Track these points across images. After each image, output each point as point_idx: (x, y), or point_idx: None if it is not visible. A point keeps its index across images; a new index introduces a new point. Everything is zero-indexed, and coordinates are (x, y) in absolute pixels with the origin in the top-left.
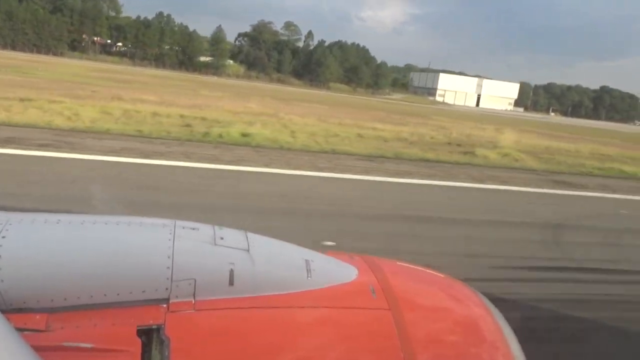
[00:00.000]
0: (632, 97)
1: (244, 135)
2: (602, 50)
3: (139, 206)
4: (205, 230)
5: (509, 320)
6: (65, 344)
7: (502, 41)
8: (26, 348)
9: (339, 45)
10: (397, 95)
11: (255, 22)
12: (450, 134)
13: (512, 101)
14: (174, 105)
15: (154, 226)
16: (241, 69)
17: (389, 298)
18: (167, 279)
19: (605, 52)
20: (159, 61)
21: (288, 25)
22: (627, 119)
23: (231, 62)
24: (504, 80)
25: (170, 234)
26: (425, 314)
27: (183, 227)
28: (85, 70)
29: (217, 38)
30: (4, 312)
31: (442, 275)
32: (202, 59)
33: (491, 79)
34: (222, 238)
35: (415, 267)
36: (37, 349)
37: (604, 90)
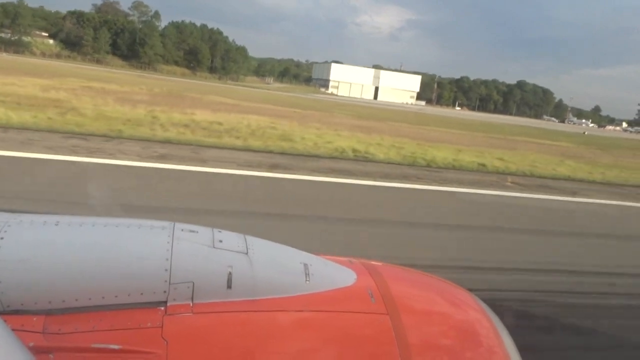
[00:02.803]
0: (546, 91)
1: None
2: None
3: None
4: (204, 233)
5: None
6: (62, 346)
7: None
8: (23, 350)
9: (176, 25)
10: (276, 84)
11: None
12: None
13: (415, 94)
14: None
15: (153, 228)
16: (56, 48)
17: (387, 303)
18: (165, 281)
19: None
20: None
21: (137, 5)
22: (540, 114)
23: (51, 41)
24: (409, 72)
25: (169, 236)
26: (423, 319)
27: (182, 230)
28: None
29: (15, 13)
30: (1, 313)
31: (440, 280)
32: (3, 35)
33: (391, 70)
34: (220, 241)
35: (414, 271)
36: (34, 350)
37: (520, 84)
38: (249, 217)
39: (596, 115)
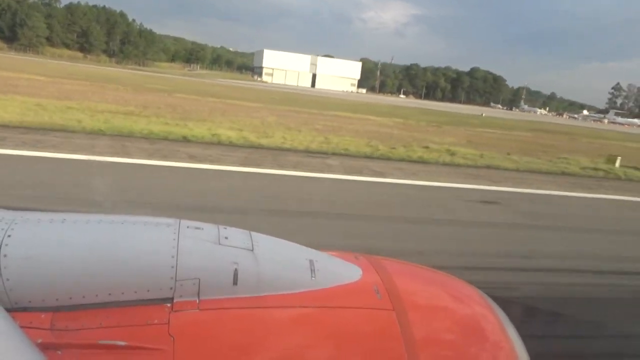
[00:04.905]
0: (497, 78)
1: None
2: None
3: None
4: (210, 229)
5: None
6: (70, 342)
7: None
8: (31, 346)
9: (68, 6)
10: (203, 71)
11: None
12: None
13: (355, 82)
14: None
15: (159, 225)
16: None
17: (393, 298)
18: (172, 278)
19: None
20: None
21: None
22: (488, 102)
23: None
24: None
25: (175, 233)
26: (429, 314)
27: (187, 227)
28: None
29: None
30: (9, 310)
31: (445, 275)
32: None
33: (331, 56)
34: (226, 238)
35: (420, 266)
36: (42, 347)
37: (472, 71)
38: None
39: (553, 102)
